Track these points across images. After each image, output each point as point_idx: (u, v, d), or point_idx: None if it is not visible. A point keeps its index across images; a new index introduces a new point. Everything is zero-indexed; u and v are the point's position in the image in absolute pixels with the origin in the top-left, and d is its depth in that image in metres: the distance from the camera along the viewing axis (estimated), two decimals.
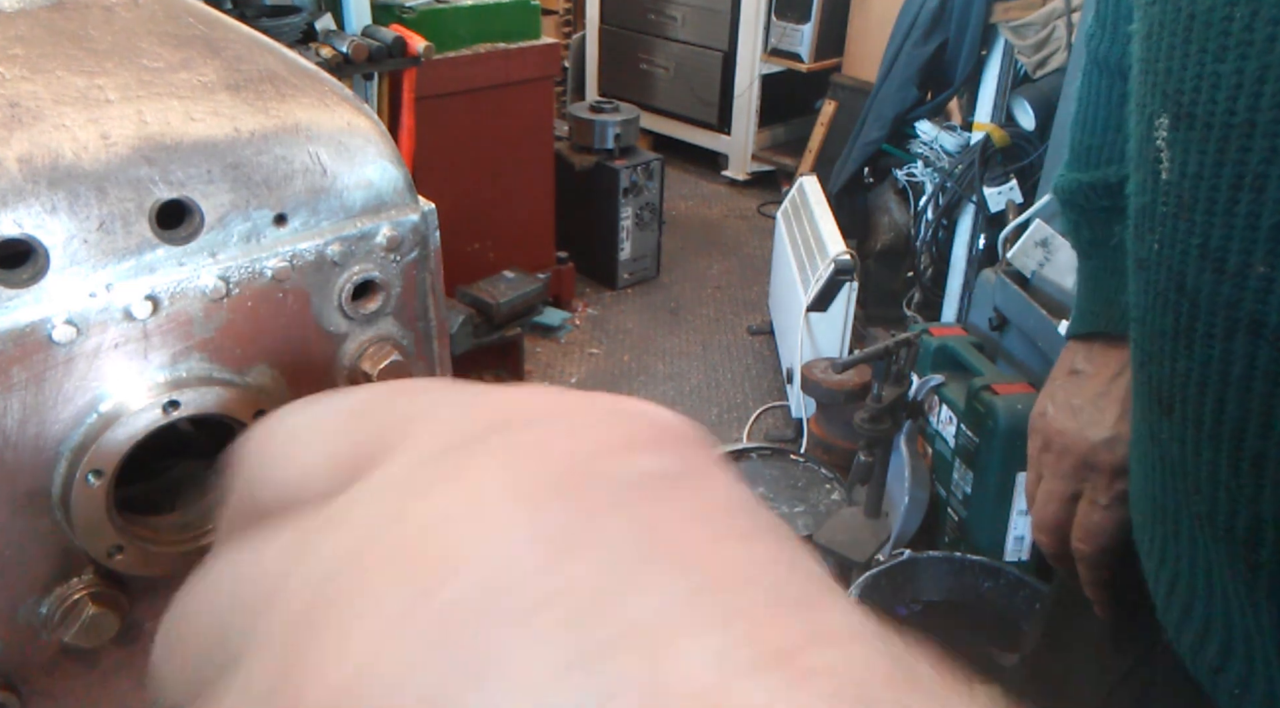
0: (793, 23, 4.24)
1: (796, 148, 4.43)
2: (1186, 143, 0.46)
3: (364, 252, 0.34)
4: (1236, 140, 0.43)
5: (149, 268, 0.30)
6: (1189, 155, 0.46)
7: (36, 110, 0.29)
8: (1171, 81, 0.47)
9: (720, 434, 2.94)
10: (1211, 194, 0.45)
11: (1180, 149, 0.47)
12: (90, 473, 0.30)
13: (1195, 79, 0.45)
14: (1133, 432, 0.62)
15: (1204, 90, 0.44)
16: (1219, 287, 0.45)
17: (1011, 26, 2.62)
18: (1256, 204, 0.42)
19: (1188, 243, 0.47)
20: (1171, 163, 0.48)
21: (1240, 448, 0.46)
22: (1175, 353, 0.50)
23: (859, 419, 1.97)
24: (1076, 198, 0.78)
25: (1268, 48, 0.41)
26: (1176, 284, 0.48)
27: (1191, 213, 0.46)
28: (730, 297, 3.78)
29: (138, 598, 0.34)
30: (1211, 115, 0.44)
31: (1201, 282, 0.46)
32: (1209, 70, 0.44)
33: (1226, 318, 0.45)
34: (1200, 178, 0.45)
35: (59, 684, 0.34)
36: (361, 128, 0.34)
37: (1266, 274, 0.43)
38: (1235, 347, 0.45)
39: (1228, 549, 0.49)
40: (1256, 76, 0.41)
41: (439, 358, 0.39)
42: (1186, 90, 0.46)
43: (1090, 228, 0.79)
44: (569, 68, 5.08)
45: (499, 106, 3.03)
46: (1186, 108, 0.46)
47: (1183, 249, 0.48)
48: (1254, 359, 0.44)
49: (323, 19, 2.61)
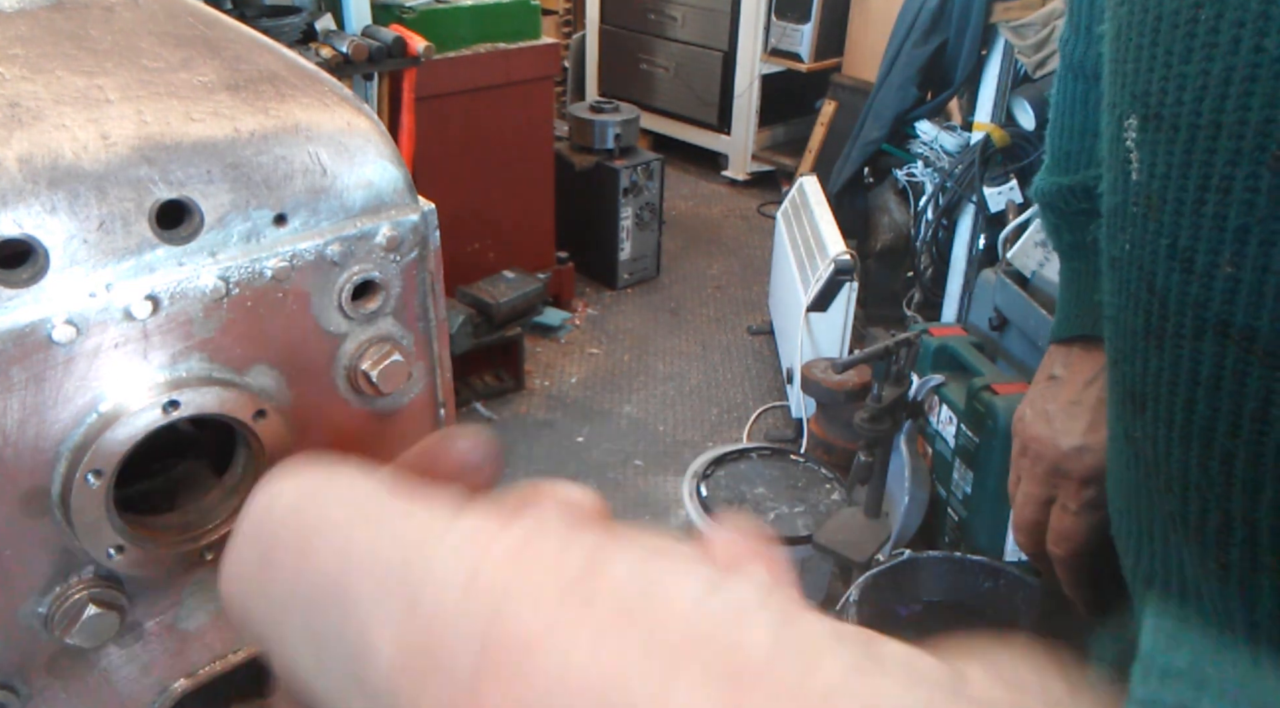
0: (793, 23, 4.24)
1: (796, 148, 4.43)
2: (1155, 144, 0.46)
3: (364, 252, 0.34)
4: (1203, 142, 0.43)
5: (149, 268, 0.30)
6: (1157, 156, 0.46)
7: (36, 110, 0.29)
8: (1139, 82, 0.47)
9: (720, 434, 2.94)
10: (1179, 195, 0.45)
11: (1149, 150, 0.47)
12: (90, 473, 0.30)
13: (1162, 80, 0.45)
14: (1109, 430, 0.63)
15: (1170, 92, 0.44)
16: (1187, 287, 0.45)
17: (1011, 26, 2.62)
18: (1223, 205, 0.43)
19: (1157, 243, 0.47)
20: (1141, 163, 0.48)
21: (1210, 447, 0.46)
22: (1147, 352, 0.50)
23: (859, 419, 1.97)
24: (1056, 201, 0.79)
25: (1232, 49, 0.41)
26: (1147, 284, 0.49)
27: (1160, 213, 0.46)
28: (730, 297, 3.78)
29: (138, 598, 0.34)
30: (1178, 117, 0.44)
31: (1170, 282, 0.46)
32: (1175, 72, 0.44)
33: (1195, 318, 0.45)
34: (1168, 179, 0.45)
35: (59, 684, 0.34)
36: (361, 128, 0.34)
37: (1233, 275, 0.43)
38: (1204, 347, 0.45)
39: (1199, 548, 0.49)
40: (1222, 78, 0.41)
41: (439, 358, 0.39)
42: (1154, 91, 0.46)
43: (1070, 231, 0.79)
44: (569, 68, 5.08)
45: (499, 106, 3.03)
46: (1154, 109, 0.46)
47: (1152, 249, 0.48)
48: (1222, 360, 0.44)
49: (323, 19, 2.61)
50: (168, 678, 0.37)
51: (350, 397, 0.36)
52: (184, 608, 0.36)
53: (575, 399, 3.11)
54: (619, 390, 3.16)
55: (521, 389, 3.12)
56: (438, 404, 0.40)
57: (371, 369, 0.35)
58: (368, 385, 0.36)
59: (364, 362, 0.35)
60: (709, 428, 2.98)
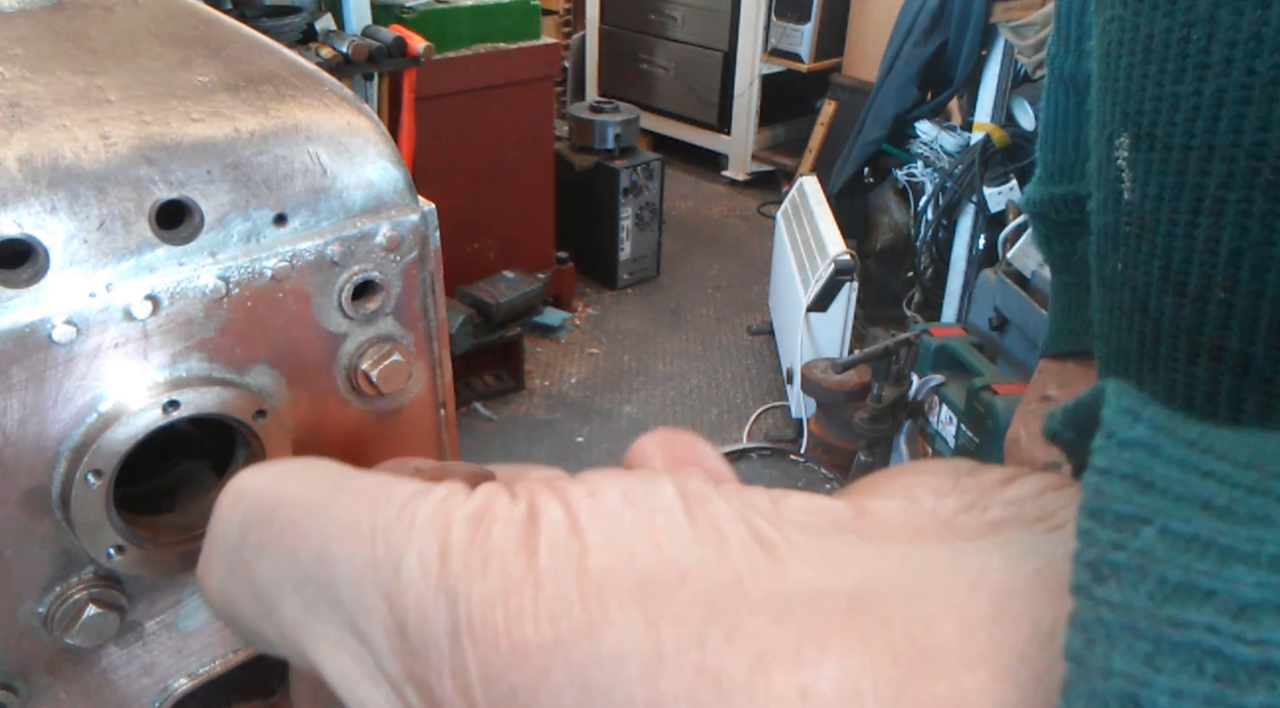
0: (793, 23, 4.24)
1: (796, 148, 4.43)
2: (1147, 164, 0.45)
3: (364, 252, 0.34)
4: (1195, 163, 0.42)
5: (149, 268, 0.30)
6: (1150, 177, 0.45)
7: (36, 110, 0.29)
8: (1131, 101, 0.46)
9: (720, 434, 2.94)
10: (1172, 216, 0.44)
11: (1141, 170, 0.46)
12: (90, 473, 0.30)
13: (1154, 100, 0.44)
14: None
15: (1163, 112, 0.44)
16: (1181, 310, 0.45)
17: (1011, 26, 2.62)
18: (1215, 228, 0.42)
19: (1150, 265, 0.46)
20: (1133, 183, 0.47)
21: None
22: (1140, 374, 0.49)
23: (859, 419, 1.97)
24: (1047, 211, 0.78)
25: (1224, 70, 0.40)
26: (1140, 306, 0.48)
27: (1153, 235, 0.46)
28: (730, 297, 3.78)
29: (137, 598, 0.34)
30: (1170, 137, 0.43)
31: (1164, 305, 0.46)
32: (1167, 92, 0.43)
33: (1189, 342, 0.45)
34: (1161, 200, 0.45)
35: (59, 684, 0.34)
36: (361, 128, 0.34)
37: (1226, 299, 0.42)
38: (1198, 371, 0.45)
39: None
40: (1214, 99, 0.41)
41: (439, 358, 0.39)
42: (1146, 111, 0.45)
43: (1061, 242, 0.78)
44: (569, 68, 5.08)
45: (499, 106, 3.03)
46: (1146, 129, 0.45)
47: (1145, 271, 0.47)
48: (1217, 384, 0.44)
49: (323, 19, 2.61)
50: (168, 678, 0.37)
51: (350, 397, 0.36)
52: (184, 608, 0.36)
53: (575, 399, 3.11)
54: (619, 391, 3.16)
55: (521, 389, 3.12)
56: (438, 404, 0.40)
57: (371, 369, 0.35)
58: (368, 385, 0.36)
59: (364, 362, 0.35)
60: (709, 428, 2.98)
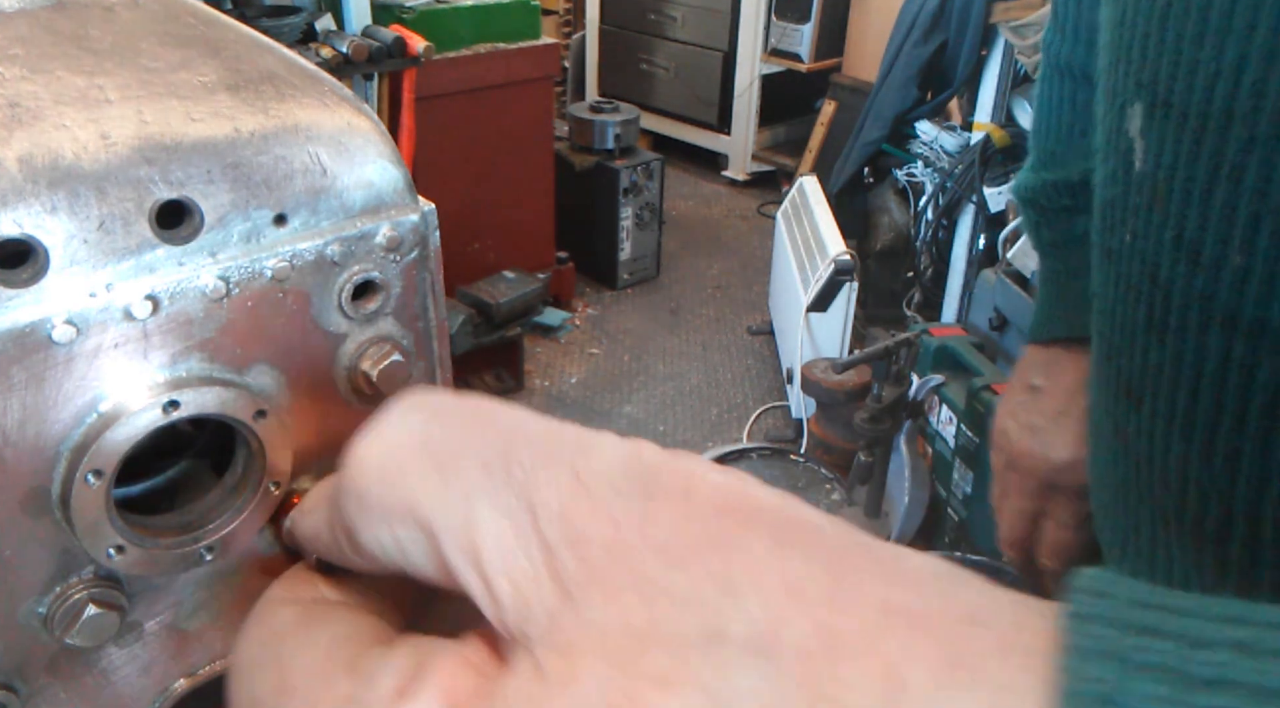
0: (793, 23, 4.24)
1: (796, 148, 4.43)
2: (1162, 132, 0.45)
3: (364, 252, 0.34)
4: (1214, 129, 0.42)
5: (149, 268, 0.30)
6: (1164, 144, 0.45)
7: (36, 110, 0.29)
8: (1146, 69, 0.46)
9: (720, 434, 2.94)
10: (1187, 184, 0.44)
11: (1155, 139, 0.46)
12: (90, 473, 0.30)
13: (1172, 66, 0.44)
14: (1092, 425, 0.61)
15: (1181, 78, 0.43)
16: (1193, 279, 0.44)
17: (1011, 26, 2.62)
18: (1233, 194, 0.41)
19: (1162, 234, 0.46)
20: (1145, 153, 0.47)
21: (1213, 443, 0.45)
22: (1147, 346, 0.49)
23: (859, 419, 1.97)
24: (1038, 196, 0.78)
25: (1247, 35, 0.40)
26: (1149, 276, 0.47)
27: (1166, 204, 0.45)
28: (730, 297, 3.78)
29: (138, 598, 0.34)
30: (1188, 104, 0.43)
31: (1175, 274, 0.45)
32: (1186, 57, 0.43)
33: (1201, 310, 0.44)
34: (1175, 168, 0.44)
35: (59, 684, 0.34)
36: (361, 128, 0.34)
37: (1242, 265, 0.42)
38: (1209, 340, 0.44)
39: (1194, 546, 0.48)
40: (1235, 64, 0.40)
41: (439, 358, 0.39)
42: (1162, 78, 0.44)
43: (1050, 228, 0.78)
44: (569, 68, 5.08)
45: (499, 106, 3.03)
46: (1162, 96, 0.45)
47: (1156, 240, 0.46)
48: (1228, 353, 0.44)
49: (323, 19, 2.61)
50: (168, 678, 0.37)
51: (350, 397, 0.36)
52: (184, 608, 0.36)
53: (575, 399, 3.11)
54: (619, 390, 3.16)
55: (521, 389, 3.12)
56: None
57: (371, 369, 0.35)
58: (368, 385, 0.36)
59: (364, 362, 0.35)
60: (709, 428, 2.98)
